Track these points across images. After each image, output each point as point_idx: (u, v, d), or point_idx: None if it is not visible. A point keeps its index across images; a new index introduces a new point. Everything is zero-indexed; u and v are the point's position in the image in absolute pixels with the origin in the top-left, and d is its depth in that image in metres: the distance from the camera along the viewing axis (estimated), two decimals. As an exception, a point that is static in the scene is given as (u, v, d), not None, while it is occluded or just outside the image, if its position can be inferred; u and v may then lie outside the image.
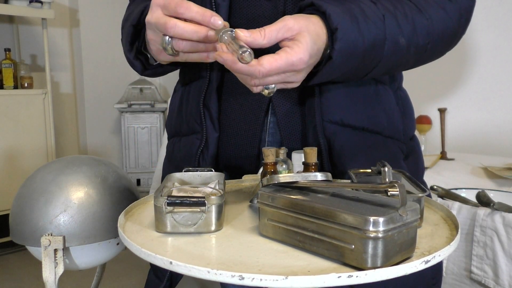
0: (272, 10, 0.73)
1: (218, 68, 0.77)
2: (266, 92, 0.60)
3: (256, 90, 0.59)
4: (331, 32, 0.60)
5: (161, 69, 0.79)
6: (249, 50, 0.53)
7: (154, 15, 0.62)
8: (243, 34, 0.55)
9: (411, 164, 0.81)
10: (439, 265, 0.79)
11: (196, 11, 0.59)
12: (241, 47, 0.53)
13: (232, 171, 0.82)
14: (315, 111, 0.72)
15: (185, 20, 0.60)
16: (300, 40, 0.56)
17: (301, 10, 0.65)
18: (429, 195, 0.83)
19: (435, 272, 0.76)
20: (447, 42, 0.72)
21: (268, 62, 0.54)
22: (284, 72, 0.56)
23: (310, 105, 0.73)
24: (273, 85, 0.59)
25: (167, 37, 0.62)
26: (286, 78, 0.58)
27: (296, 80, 0.60)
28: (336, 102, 0.73)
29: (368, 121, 0.75)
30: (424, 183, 0.85)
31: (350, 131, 0.73)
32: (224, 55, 0.55)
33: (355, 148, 0.73)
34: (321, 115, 0.72)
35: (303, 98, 0.75)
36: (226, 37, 0.56)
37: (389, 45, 0.64)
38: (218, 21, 0.58)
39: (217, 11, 0.72)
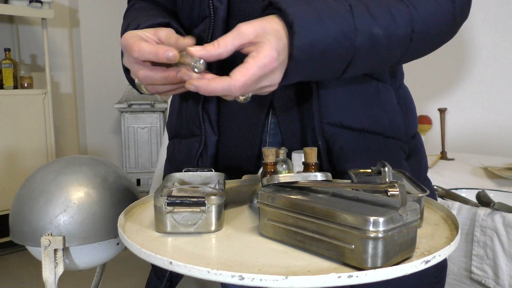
0: None
1: (216, 72, 0.77)
2: (241, 98, 0.57)
3: (230, 99, 0.58)
4: (290, 28, 0.56)
5: None
6: (201, 60, 0.55)
7: (126, 61, 0.63)
8: (196, 49, 0.55)
9: (414, 163, 0.80)
10: (442, 265, 0.79)
11: (149, 51, 0.58)
12: (193, 59, 0.56)
13: (232, 171, 0.82)
14: (313, 113, 0.71)
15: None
16: (262, 41, 0.55)
17: (263, 11, 0.62)
18: (433, 194, 0.83)
19: (438, 271, 0.75)
20: (439, 30, 0.67)
21: (241, 73, 0.53)
22: (259, 77, 0.55)
23: (309, 107, 0.73)
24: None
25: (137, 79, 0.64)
26: (262, 83, 0.57)
27: (272, 82, 0.58)
28: (335, 103, 0.72)
29: (368, 122, 0.74)
30: (427, 179, 0.84)
31: (350, 133, 0.73)
32: (195, 81, 0.55)
33: (355, 150, 0.73)
34: (320, 117, 0.71)
35: (302, 99, 0.75)
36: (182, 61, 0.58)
37: (362, 37, 0.59)
38: (170, 53, 0.57)
39: (215, 14, 0.72)
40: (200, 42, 0.76)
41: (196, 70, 0.56)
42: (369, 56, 0.62)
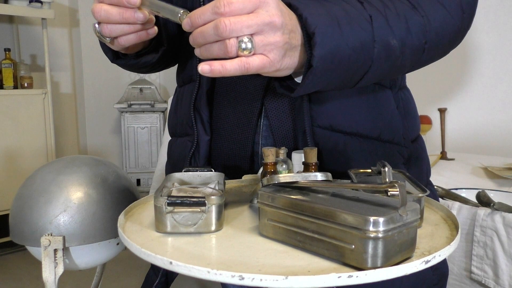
0: None
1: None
2: (241, 48, 0.50)
3: (230, 47, 0.50)
4: (309, 37, 0.54)
5: (133, 61, 0.78)
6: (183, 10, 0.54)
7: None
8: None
9: (414, 168, 0.79)
10: (444, 272, 0.77)
11: None
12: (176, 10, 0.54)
13: (225, 171, 0.82)
14: (304, 116, 0.71)
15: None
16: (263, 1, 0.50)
17: None
18: (435, 197, 0.82)
19: (440, 277, 0.75)
20: (448, 40, 0.67)
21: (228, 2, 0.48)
22: (256, 22, 0.49)
23: (299, 110, 0.72)
24: (247, 39, 0.49)
25: (96, 25, 0.63)
26: (261, 31, 0.50)
27: (274, 41, 0.50)
28: (326, 107, 0.71)
29: (362, 127, 0.73)
30: (430, 184, 0.83)
31: (342, 136, 0.72)
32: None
33: (348, 153, 0.72)
34: (311, 120, 0.71)
35: (294, 101, 0.74)
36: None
37: (379, 48, 0.58)
38: None
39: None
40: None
41: (179, 21, 0.54)
42: (383, 67, 0.61)
